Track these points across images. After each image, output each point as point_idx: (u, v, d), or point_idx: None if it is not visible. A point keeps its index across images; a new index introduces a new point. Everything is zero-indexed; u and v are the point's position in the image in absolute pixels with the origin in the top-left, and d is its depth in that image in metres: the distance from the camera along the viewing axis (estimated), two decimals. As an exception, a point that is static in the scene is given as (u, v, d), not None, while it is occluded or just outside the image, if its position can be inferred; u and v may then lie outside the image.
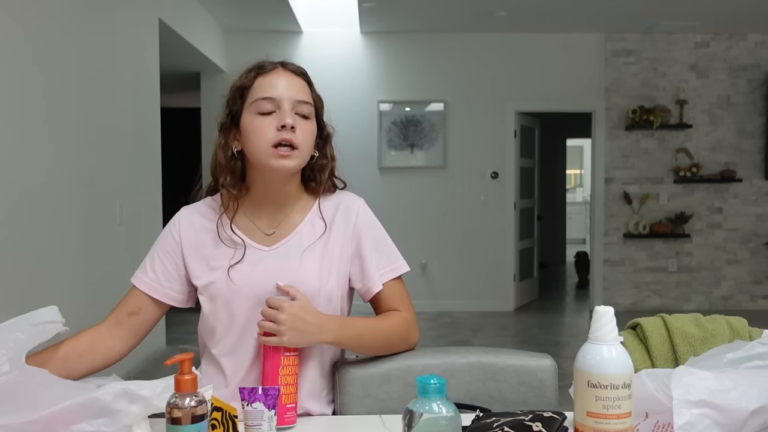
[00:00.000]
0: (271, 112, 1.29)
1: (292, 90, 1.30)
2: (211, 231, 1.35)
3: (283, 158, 1.27)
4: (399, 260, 1.40)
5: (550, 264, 9.21)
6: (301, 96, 1.31)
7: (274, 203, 1.35)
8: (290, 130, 1.27)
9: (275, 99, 1.29)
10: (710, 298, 6.38)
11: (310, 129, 1.33)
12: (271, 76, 1.31)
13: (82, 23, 3.18)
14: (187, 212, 1.39)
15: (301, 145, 1.29)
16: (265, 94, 1.29)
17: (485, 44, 6.28)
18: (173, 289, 1.35)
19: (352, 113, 6.18)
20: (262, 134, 1.27)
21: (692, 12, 5.54)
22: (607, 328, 0.96)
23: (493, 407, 1.30)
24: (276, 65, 1.34)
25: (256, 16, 5.63)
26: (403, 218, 6.24)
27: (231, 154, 1.33)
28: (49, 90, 2.85)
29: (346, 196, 1.41)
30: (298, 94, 1.31)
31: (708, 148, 6.28)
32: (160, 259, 1.35)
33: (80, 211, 3.13)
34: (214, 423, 1.01)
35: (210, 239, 1.34)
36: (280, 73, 1.32)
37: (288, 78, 1.32)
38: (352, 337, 1.30)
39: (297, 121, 1.29)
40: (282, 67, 1.34)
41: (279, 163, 1.27)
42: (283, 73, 1.32)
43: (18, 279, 2.57)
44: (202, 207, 1.39)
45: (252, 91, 1.31)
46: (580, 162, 12.74)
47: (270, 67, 1.33)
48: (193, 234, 1.36)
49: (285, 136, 1.27)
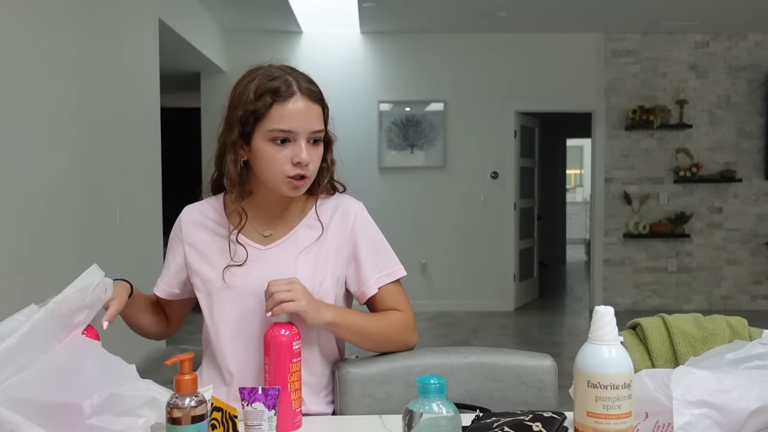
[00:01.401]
0: (286, 140, 1.26)
1: (308, 121, 1.27)
2: (212, 230, 1.37)
3: (297, 189, 1.29)
4: (396, 264, 1.40)
5: (550, 264, 9.22)
6: (317, 126, 1.28)
7: (274, 208, 1.37)
8: (304, 167, 1.27)
9: (293, 132, 1.26)
10: (710, 298, 6.38)
11: (320, 152, 1.31)
12: (291, 106, 1.25)
13: (82, 23, 3.18)
14: (189, 210, 1.42)
15: (311, 174, 1.30)
16: (282, 126, 1.25)
17: (485, 44, 6.28)
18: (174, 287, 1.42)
19: (352, 113, 6.18)
20: (277, 165, 1.26)
21: (692, 12, 5.54)
22: (607, 328, 0.96)
23: (493, 407, 1.30)
24: (292, 90, 1.26)
25: (256, 16, 5.63)
26: (403, 218, 6.24)
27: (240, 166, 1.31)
28: (49, 90, 2.85)
29: (345, 200, 1.41)
30: (314, 125, 1.28)
31: (708, 148, 6.28)
32: (168, 262, 1.42)
33: (80, 211, 3.13)
34: (214, 423, 1.01)
35: (209, 238, 1.36)
36: (297, 102, 1.26)
37: (305, 105, 1.26)
38: (350, 321, 1.31)
39: (310, 152, 1.28)
40: (299, 92, 1.26)
41: (293, 192, 1.30)
42: (300, 100, 1.26)
43: (18, 279, 2.57)
44: (204, 205, 1.41)
45: (267, 119, 1.25)
46: (580, 162, 12.74)
47: (289, 92, 1.26)
48: (195, 232, 1.38)
49: (300, 171, 1.27)
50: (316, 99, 1.29)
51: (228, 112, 1.31)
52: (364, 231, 1.38)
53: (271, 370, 1.19)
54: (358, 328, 1.32)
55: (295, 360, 1.20)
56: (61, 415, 0.95)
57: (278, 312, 1.20)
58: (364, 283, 1.36)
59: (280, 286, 1.21)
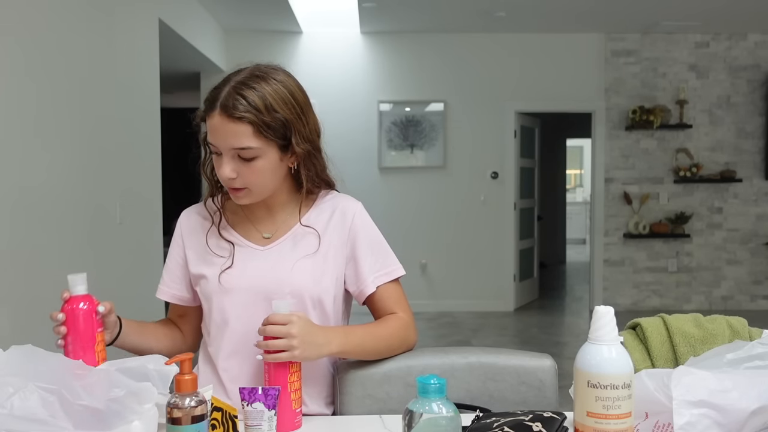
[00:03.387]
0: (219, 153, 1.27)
1: (229, 139, 1.23)
2: (207, 230, 1.39)
3: (237, 198, 1.31)
4: (394, 264, 1.40)
5: (550, 264, 9.22)
6: (240, 143, 1.23)
7: (267, 209, 1.38)
8: (231, 180, 1.26)
9: (215, 146, 1.27)
10: (710, 298, 6.38)
11: (258, 167, 1.26)
12: (211, 121, 1.25)
13: (82, 23, 3.18)
14: (186, 215, 1.44)
15: (248, 185, 1.28)
16: (209, 138, 1.27)
17: (485, 44, 6.28)
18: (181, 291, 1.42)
19: (352, 113, 6.18)
20: (218, 174, 1.28)
21: (692, 12, 5.54)
22: (607, 328, 0.96)
23: (493, 407, 1.30)
24: (215, 105, 1.24)
25: (256, 16, 5.63)
26: (403, 218, 6.24)
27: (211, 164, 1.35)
28: (48, 90, 2.85)
29: (344, 199, 1.41)
30: (236, 142, 1.23)
31: (708, 148, 6.28)
32: (169, 266, 1.42)
33: (80, 211, 3.13)
34: (214, 423, 1.01)
35: (205, 238, 1.38)
36: (217, 119, 1.23)
37: (226, 125, 1.22)
38: (356, 344, 1.30)
39: (239, 167, 1.25)
40: (222, 111, 1.22)
41: (237, 200, 1.32)
42: (219, 120, 1.23)
43: (18, 279, 2.57)
44: (200, 208, 1.43)
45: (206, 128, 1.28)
46: (580, 162, 12.74)
47: (209, 107, 1.25)
48: (192, 234, 1.40)
49: (229, 184, 1.28)
50: (238, 117, 1.21)
51: None
52: (362, 230, 1.38)
53: (270, 370, 1.18)
54: (363, 349, 1.32)
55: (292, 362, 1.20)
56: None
57: (271, 361, 1.17)
58: (363, 282, 1.36)
59: (277, 331, 1.16)
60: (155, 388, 1.00)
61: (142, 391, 0.98)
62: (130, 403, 0.96)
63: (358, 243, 1.37)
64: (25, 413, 0.93)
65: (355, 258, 1.37)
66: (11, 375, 0.98)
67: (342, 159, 1.47)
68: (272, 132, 1.24)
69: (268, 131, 1.24)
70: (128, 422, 0.96)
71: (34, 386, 0.96)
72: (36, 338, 1.25)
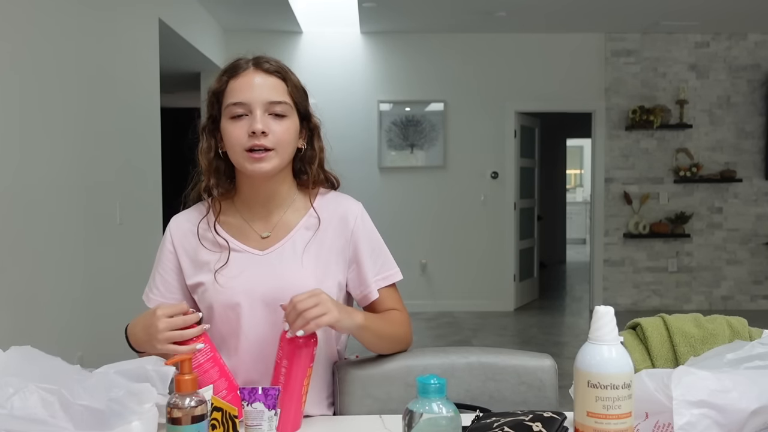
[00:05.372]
0: (243, 115, 1.27)
1: (263, 91, 1.27)
2: (199, 235, 1.35)
3: (258, 161, 1.27)
4: (393, 268, 1.40)
5: (550, 264, 9.21)
6: (273, 96, 1.28)
7: (265, 204, 1.35)
8: (261, 136, 1.26)
9: (246, 104, 1.27)
10: (710, 298, 6.38)
11: (288, 127, 1.29)
12: (243, 79, 1.28)
13: (82, 23, 3.18)
14: (176, 221, 1.39)
15: (277, 145, 1.28)
16: (236, 99, 1.27)
17: (485, 44, 6.28)
18: (178, 299, 1.35)
19: (352, 113, 6.18)
20: (236, 139, 1.27)
21: (692, 12, 5.54)
22: (607, 328, 0.96)
23: (493, 407, 1.30)
24: (248, 65, 1.30)
25: (256, 16, 5.63)
26: (402, 218, 6.24)
27: (215, 155, 1.33)
28: (48, 90, 2.85)
29: (344, 200, 1.40)
30: (270, 95, 1.27)
31: (708, 148, 6.28)
32: (161, 274, 1.37)
33: (80, 211, 3.13)
34: (214, 423, 1.01)
35: (198, 243, 1.35)
36: (252, 75, 1.29)
37: (260, 78, 1.28)
38: (373, 321, 1.30)
39: (270, 124, 1.27)
40: (255, 66, 1.30)
41: (253, 166, 1.27)
42: (254, 74, 1.29)
43: (18, 279, 2.57)
44: (190, 213, 1.39)
45: (225, 95, 1.29)
46: (580, 162, 12.74)
47: (242, 68, 1.30)
48: (185, 240, 1.36)
49: (256, 142, 1.26)
50: (272, 71, 1.29)
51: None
52: (364, 234, 1.38)
53: (290, 373, 1.17)
54: (381, 330, 1.32)
55: (312, 365, 1.20)
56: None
57: (313, 328, 1.15)
58: (366, 287, 1.36)
59: (307, 302, 1.15)
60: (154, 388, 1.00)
61: (142, 391, 0.98)
62: (130, 403, 0.96)
63: (361, 247, 1.36)
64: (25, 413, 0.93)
65: (358, 262, 1.36)
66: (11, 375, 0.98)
67: (342, 159, 1.47)
68: (297, 93, 1.32)
69: (295, 91, 1.31)
70: (128, 422, 0.96)
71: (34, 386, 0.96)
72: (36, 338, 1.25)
